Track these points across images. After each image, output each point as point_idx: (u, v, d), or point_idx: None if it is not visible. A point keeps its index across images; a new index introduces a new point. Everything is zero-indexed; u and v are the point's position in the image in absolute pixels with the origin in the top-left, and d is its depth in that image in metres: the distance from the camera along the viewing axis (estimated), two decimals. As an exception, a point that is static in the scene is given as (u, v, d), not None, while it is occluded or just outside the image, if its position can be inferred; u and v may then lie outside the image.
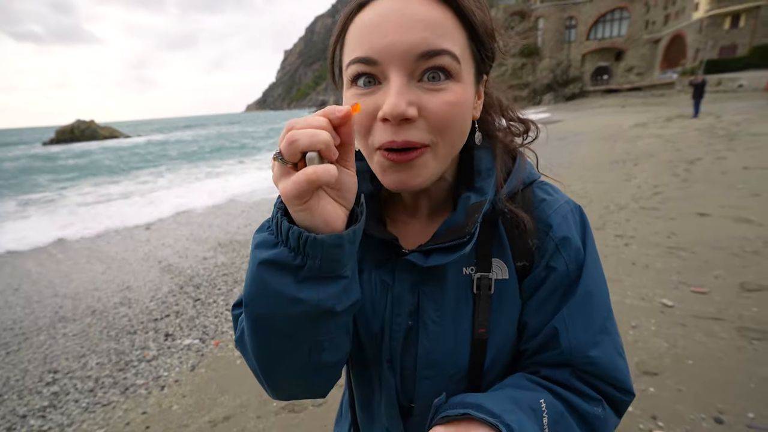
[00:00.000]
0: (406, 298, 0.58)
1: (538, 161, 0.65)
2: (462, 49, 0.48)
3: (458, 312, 0.57)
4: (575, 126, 18.87)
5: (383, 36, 0.45)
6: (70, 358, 3.12)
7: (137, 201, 9.52)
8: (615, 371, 0.54)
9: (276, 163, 0.41)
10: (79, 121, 45.27)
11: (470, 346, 0.56)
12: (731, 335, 2.51)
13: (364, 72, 0.47)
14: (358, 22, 0.48)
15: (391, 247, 0.58)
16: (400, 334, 0.58)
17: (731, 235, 4.05)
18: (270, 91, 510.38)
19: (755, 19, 33.22)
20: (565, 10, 50.78)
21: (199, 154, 25.25)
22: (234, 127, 68.26)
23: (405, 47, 0.45)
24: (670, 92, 33.68)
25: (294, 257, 0.42)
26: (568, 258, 0.55)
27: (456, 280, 0.57)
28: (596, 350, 0.53)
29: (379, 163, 0.51)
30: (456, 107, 0.48)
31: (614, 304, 2.29)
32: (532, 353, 0.57)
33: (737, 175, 6.30)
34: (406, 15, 0.45)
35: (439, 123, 0.47)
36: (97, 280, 4.74)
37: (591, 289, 0.55)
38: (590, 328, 0.54)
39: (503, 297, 0.57)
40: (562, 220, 0.57)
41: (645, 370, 2.28)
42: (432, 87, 0.47)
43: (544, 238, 0.56)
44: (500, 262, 0.57)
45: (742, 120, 12.96)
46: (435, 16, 0.46)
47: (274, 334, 0.47)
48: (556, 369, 0.55)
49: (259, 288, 0.44)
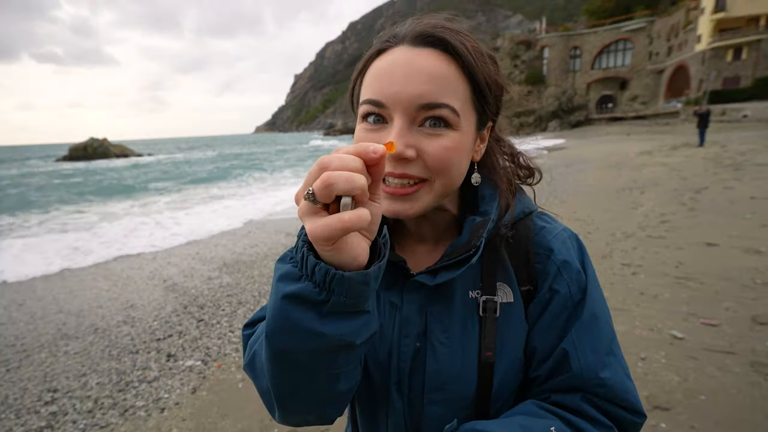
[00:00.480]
0: (414, 319, 0.60)
1: (546, 186, 0.68)
2: (463, 101, 0.52)
3: (465, 334, 0.58)
4: (581, 153, 18.99)
5: (391, 84, 0.50)
6: (70, 376, 3.10)
7: (147, 226, 9.30)
8: (626, 393, 0.55)
9: (305, 202, 0.40)
10: (92, 139, 46.34)
11: (477, 369, 0.57)
12: (744, 370, 2.44)
13: (373, 112, 0.52)
14: (375, 66, 0.53)
15: (399, 270, 0.60)
16: (408, 356, 0.60)
17: (741, 265, 3.99)
18: (279, 114, 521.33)
19: (757, 51, 33.75)
20: (570, 40, 52.05)
21: (214, 174, 25.62)
22: (245, 148, 69.49)
23: (409, 97, 0.50)
24: (674, 121, 33.92)
25: (319, 293, 0.42)
26: (570, 280, 0.57)
27: (463, 302, 0.59)
28: (606, 371, 0.54)
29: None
30: (451, 152, 0.52)
31: (622, 335, 2.27)
32: (544, 379, 0.58)
33: (745, 205, 6.27)
34: (414, 67, 0.50)
35: (434, 164, 0.52)
36: (102, 297, 4.74)
37: (596, 311, 0.57)
38: (599, 350, 0.55)
39: (509, 320, 0.58)
40: (562, 245, 0.60)
41: (656, 405, 2.22)
42: (431, 132, 0.51)
43: (546, 262, 0.58)
44: (505, 286, 0.59)
45: (747, 150, 12.98)
46: (440, 71, 0.50)
47: (294, 366, 0.47)
48: (566, 394, 0.56)
49: (282, 322, 0.44)
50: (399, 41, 0.53)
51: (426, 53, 0.51)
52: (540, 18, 68.39)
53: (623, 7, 54.61)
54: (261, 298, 4.30)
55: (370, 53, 0.55)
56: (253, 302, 4.21)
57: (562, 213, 6.95)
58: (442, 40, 0.51)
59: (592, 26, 53.76)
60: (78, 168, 34.67)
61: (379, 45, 0.54)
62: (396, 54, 0.52)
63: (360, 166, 0.39)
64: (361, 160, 0.39)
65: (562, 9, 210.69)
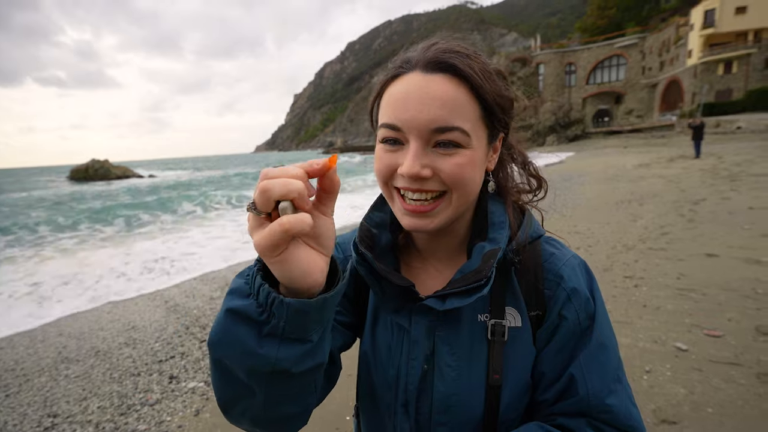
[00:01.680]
0: (422, 342, 0.61)
1: (546, 200, 0.72)
2: (474, 121, 0.55)
3: (473, 357, 0.60)
4: (580, 166, 19.12)
5: (406, 110, 0.54)
6: (71, 401, 3.07)
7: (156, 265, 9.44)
8: (630, 419, 0.56)
9: (250, 214, 0.40)
10: (93, 161, 46.65)
11: (485, 392, 0.58)
12: (751, 381, 2.43)
13: (390, 136, 0.56)
14: (391, 90, 0.57)
15: (408, 293, 0.61)
16: (415, 378, 0.61)
17: (742, 276, 4.00)
18: (279, 133, 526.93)
19: (747, 65, 34.42)
20: (565, 56, 53.08)
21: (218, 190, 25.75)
22: (246, 167, 69.74)
23: (423, 122, 0.53)
24: (670, 134, 34.29)
25: (260, 313, 0.43)
26: (579, 307, 0.59)
27: (471, 326, 0.60)
28: (612, 398, 0.56)
29: (399, 209, 0.58)
30: (465, 168, 0.55)
31: (627, 348, 2.27)
32: (551, 403, 0.59)
33: (743, 216, 6.30)
34: (426, 93, 0.53)
35: (450, 180, 0.55)
36: (103, 319, 4.72)
37: (604, 339, 0.59)
38: (606, 377, 0.57)
39: (517, 344, 0.60)
40: (572, 272, 0.61)
41: (663, 419, 2.20)
42: (444, 152, 0.55)
43: (556, 288, 0.60)
44: (513, 311, 0.60)
45: (743, 161, 13.09)
46: (451, 95, 0.53)
47: (232, 379, 0.47)
48: (572, 418, 0.57)
49: (223, 334, 0.45)
50: (412, 67, 0.56)
51: (437, 79, 0.54)
52: (534, 35, 70.03)
53: (615, 24, 55.99)
54: (263, 317, 4.29)
55: (386, 77, 0.58)
56: (255, 321, 4.19)
57: (562, 227, 6.97)
58: (452, 65, 0.54)
59: (585, 43, 54.94)
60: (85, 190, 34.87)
61: (393, 71, 0.57)
62: (409, 80, 0.55)
63: (299, 173, 0.40)
64: (301, 170, 0.40)
65: (556, 27, 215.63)
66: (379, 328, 0.66)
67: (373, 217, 0.68)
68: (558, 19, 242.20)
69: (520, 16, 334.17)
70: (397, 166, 0.55)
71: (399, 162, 0.55)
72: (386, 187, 0.59)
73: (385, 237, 0.66)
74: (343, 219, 9.74)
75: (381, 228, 0.67)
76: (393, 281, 0.60)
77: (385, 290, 0.62)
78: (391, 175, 0.57)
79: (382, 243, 0.66)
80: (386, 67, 0.60)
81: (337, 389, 0.75)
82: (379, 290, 0.62)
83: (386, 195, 0.60)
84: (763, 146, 17.53)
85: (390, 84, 0.57)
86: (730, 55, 34.80)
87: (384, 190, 0.60)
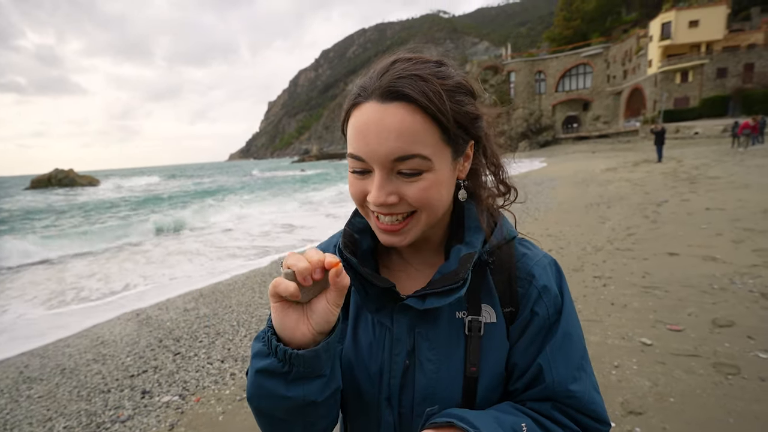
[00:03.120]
0: (403, 339, 0.65)
1: (520, 205, 0.77)
2: (433, 145, 0.56)
3: (451, 351, 0.64)
4: (551, 171, 19.75)
5: (367, 144, 0.56)
6: (34, 422, 2.92)
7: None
8: (593, 404, 0.62)
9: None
10: (57, 170, 44.61)
11: (463, 383, 0.63)
12: (708, 371, 2.58)
13: (357, 167, 0.59)
14: (353, 119, 0.58)
15: (389, 293, 0.65)
16: (398, 372, 0.65)
17: (700, 273, 4.24)
18: (253, 141, 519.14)
19: (701, 74, 36.62)
20: (534, 65, 54.89)
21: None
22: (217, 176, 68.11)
23: (383, 154, 0.55)
24: (635, 139, 35.97)
25: (282, 366, 0.54)
26: (549, 304, 0.64)
27: (449, 323, 0.65)
28: (576, 385, 0.61)
29: (375, 227, 0.63)
30: (430, 191, 0.58)
31: (597, 345, 2.38)
32: (522, 391, 0.64)
33: (701, 216, 6.69)
34: (383, 126, 0.54)
35: (417, 203, 0.58)
36: (69, 335, 4.52)
37: (569, 330, 0.64)
38: (570, 365, 0.62)
39: (492, 338, 0.64)
40: (543, 270, 0.66)
41: (630, 410, 2.31)
42: (408, 180, 0.57)
43: (528, 287, 0.65)
44: (489, 308, 0.65)
45: (700, 164, 13.90)
46: (407, 125, 0.54)
47: (273, 420, 0.60)
48: (540, 402, 0.62)
49: (257, 389, 0.57)
50: (368, 96, 0.56)
51: (392, 109, 0.54)
52: (505, 44, 72.13)
53: (581, 34, 58.41)
54: (240, 327, 4.21)
55: (349, 103, 0.60)
56: (231, 332, 4.11)
57: (536, 230, 7.19)
58: (406, 95, 0.54)
59: (553, 52, 57.01)
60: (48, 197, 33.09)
61: (353, 98, 0.59)
62: (367, 110, 0.56)
63: (314, 259, 0.52)
64: (320, 259, 0.52)
65: (526, 36, 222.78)
66: (360, 327, 0.70)
67: (355, 222, 0.71)
68: (527, 29, 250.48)
69: (492, 25, 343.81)
70: (367, 193, 0.59)
71: (368, 189, 0.59)
72: (362, 209, 0.64)
73: (366, 242, 0.70)
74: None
75: (362, 233, 0.70)
76: (375, 283, 0.64)
77: (368, 292, 0.66)
78: (364, 198, 0.61)
79: (364, 247, 0.70)
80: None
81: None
82: (362, 292, 0.66)
83: (363, 214, 0.65)
84: (718, 150, 18.68)
85: (352, 111, 0.59)
86: (686, 65, 36.95)
87: (361, 211, 0.65)
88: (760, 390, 2.36)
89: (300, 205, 17.16)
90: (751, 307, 3.37)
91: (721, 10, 37.53)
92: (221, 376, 3.25)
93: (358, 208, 0.65)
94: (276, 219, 13.42)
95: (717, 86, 35.91)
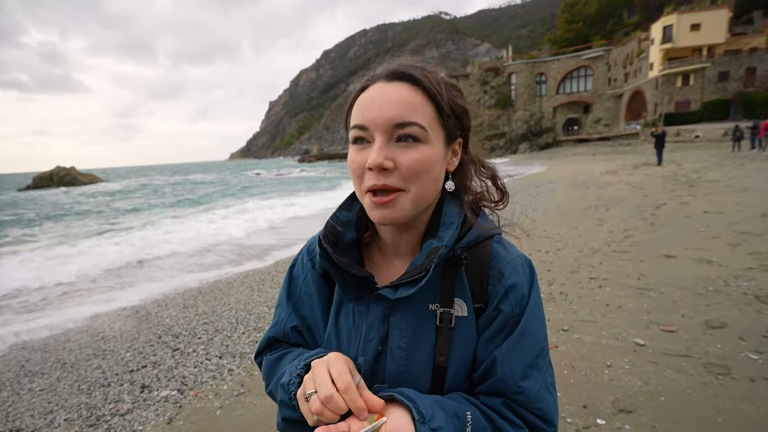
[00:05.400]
0: (377, 326, 0.69)
1: (518, 206, 0.81)
2: (429, 120, 0.64)
3: (421, 341, 0.68)
4: (550, 173, 19.80)
5: (372, 111, 0.63)
6: (35, 414, 2.96)
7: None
8: (540, 402, 0.64)
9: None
10: (59, 168, 44.69)
11: (432, 371, 0.67)
12: (699, 371, 2.62)
13: (360, 136, 0.65)
14: (359, 100, 0.67)
15: (368, 283, 0.70)
16: (370, 358, 0.69)
17: (695, 275, 4.28)
18: (254, 140, 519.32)
19: (702, 78, 36.67)
20: (535, 67, 54.96)
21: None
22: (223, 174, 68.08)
23: (385, 119, 0.62)
24: (635, 142, 36.01)
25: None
26: (514, 302, 0.67)
27: (422, 314, 0.69)
28: (526, 382, 0.64)
29: (368, 204, 0.66)
30: (422, 162, 0.63)
31: (590, 345, 2.43)
32: (477, 383, 0.68)
33: (699, 219, 6.72)
34: (388, 97, 0.63)
35: (408, 173, 0.63)
36: (70, 330, 4.57)
37: (527, 328, 0.67)
38: (523, 362, 0.65)
39: (462, 331, 0.68)
40: (513, 270, 0.69)
41: (621, 408, 2.34)
42: (405, 146, 0.63)
43: (497, 285, 0.68)
44: (461, 302, 0.69)
45: (700, 168, 13.93)
46: (408, 97, 0.63)
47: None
48: (490, 397, 0.66)
49: (284, 429, 0.70)
50: (377, 79, 0.66)
51: (397, 86, 0.64)
52: (506, 46, 72.16)
53: (582, 37, 58.47)
54: (238, 324, 4.25)
55: (356, 91, 0.69)
56: (230, 329, 4.16)
57: (533, 232, 7.23)
58: (410, 75, 0.64)
59: (554, 54, 57.11)
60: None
61: (362, 84, 0.68)
62: (374, 89, 0.65)
63: (344, 409, 0.55)
64: (354, 405, 0.55)
65: (527, 38, 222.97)
66: (342, 315, 0.74)
67: (341, 216, 0.75)
68: (528, 31, 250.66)
69: (493, 27, 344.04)
70: (366, 162, 0.64)
71: (367, 158, 0.64)
72: (359, 183, 0.67)
73: (350, 234, 0.74)
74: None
75: (347, 226, 0.74)
76: (353, 273, 0.69)
77: (347, 281, 0.70)
78: (363, 171, 0.65)
79: (347, 239, 0.74)
80: (360, 79, 0.70)
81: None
82: (341, 281, 0.70)
83: (358, 192, 0.68)
84: (718, 154, 18.69)
85: (360, 95, 0.67)
86: (687, 68, 37.00)
87: (356, 187, 0.68)
88: (750, 390, 2.39)
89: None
90: (745, 310, 3.41)
91: (723, 14, 37.57)
92: (219, 372, 3.29)
93: (355, 183, 0.68)
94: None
95: (718, 90, 35.94)
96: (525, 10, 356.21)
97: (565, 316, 3.68)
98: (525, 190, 13.69)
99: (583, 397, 2.49)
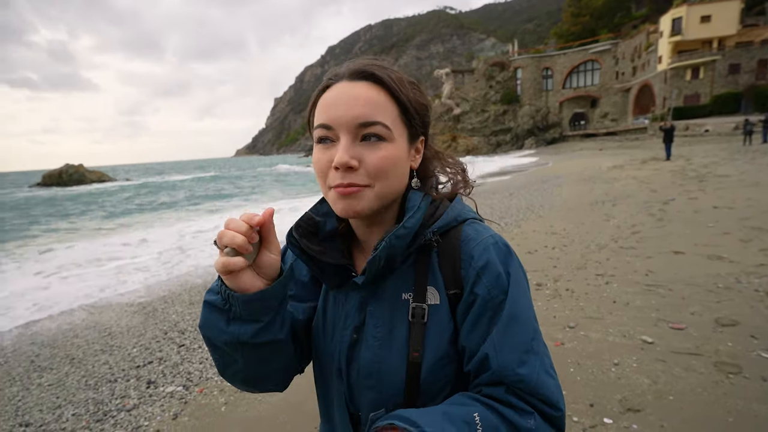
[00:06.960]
0: (353, 315, 0.70)
1: (524, 201, 0.79)
2: (393, 119, 0.65)
3: (395, 333, 0.67)
4: (556, 168, 19.63)
5: (336, 110, 0.63)
6: (44, 409, 3.00)
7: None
8: (542, 387, 0.61)
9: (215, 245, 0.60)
10: (67, 165, 45.12)
11: (406, 365, 0.65)
12: (709, 370, 2.58)
13: (324, 135, 0.65)
14: (323, 98, 0.66)
15: (346, 272, 0.71)
16: (345, 346, 0.70)
17: (705, 272, 4.21)
18: (260, 137, 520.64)
19: (712, 71, 36.03)
20: (541, 61, 54.40)
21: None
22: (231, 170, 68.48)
23: (349, 118, 0.62)
24: (643, 136, 35.56)
25: (224, 304, 0.62)
26: (489, 284, 0.64)
27: (394, 303, 0.68)
28: (524, 368, 0.61)
29: (332, 197, 0.66)
30: (387, 160, 0.63)
31: (597, 342, 2.40)
32: (474, 376, 0.65)
33: (708, 215, 6.62)
34: (352, 96, 0.63)
35: (374, 171, 0.63)
36: (77, 326, 4.61)
37: (515, 311, 0.63)
38: (517, 348, 0.62)
39: (436, 321, 0.66)
40: (483, 251, 0.66)
41: (629, 407, 2.31)
42: (369, 145, 0.63)
43: (468, 268, 0.66)
44: (433, 290, 0.67)
45: (709, 162, 13.71)
46: (372, 97, 0.63)
47: (216, 349, 0.66)
48: (493, 387, 0.62)
49: (205, 319, 0.65)
50: (339, 78, 0.66)
51: (360, 85, 0.64)
52: (512, 41, 71.48)
53: (589, 30, 57.76)
54: (244, 320, 4.27)
55: (319, 89, 0.68)
56: (235, 325, 4.17)
57: (539, 227, 7.17)
58: (372, 74, 0.64)
59: (561, 48, 56.49)
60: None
61: (324, 83, 0.68)
62: (338, 88, 0.65)
63: (243, 228, 0.57)
64: (246, 225, 0.57)
65: (533, 32, 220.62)
66: (329, 303, 0.75)
67: (321, 208, 0.76)
68: (534, 25, 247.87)
69: (498, 21, 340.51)
70: (332, 161, 0.63)
71: (333, 157, 0.63)
72: (324, 181, 0.66)
73: (330, 223, 0.75)
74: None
75: (327, 216, 0.75)
76: (327, 261, 0.70)
77: (324, 270, 0.71)
78: (327, 170, 0.64)
79: (327, 228, 0.74)
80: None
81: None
82: (316, 269, 0.71)
83: (323, 190, 0.68)
84: (728, 148, 18.40)
85: (322, 94, 0.67)
86: (697, 61, 36.36)
87: (321, 185, 0.68)
88: (762, 389, 2.35)
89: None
90: (756, 307, 3.35)
91: (735, 5, 36.81)
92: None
93: (319, 180, 0.67)
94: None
95: (729, 83, 35.32)
96: (531, 3, 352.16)
97: (571, 312, 3.64)
98: (531, 186, 13.59)
99: (590, 395, 2.46)
